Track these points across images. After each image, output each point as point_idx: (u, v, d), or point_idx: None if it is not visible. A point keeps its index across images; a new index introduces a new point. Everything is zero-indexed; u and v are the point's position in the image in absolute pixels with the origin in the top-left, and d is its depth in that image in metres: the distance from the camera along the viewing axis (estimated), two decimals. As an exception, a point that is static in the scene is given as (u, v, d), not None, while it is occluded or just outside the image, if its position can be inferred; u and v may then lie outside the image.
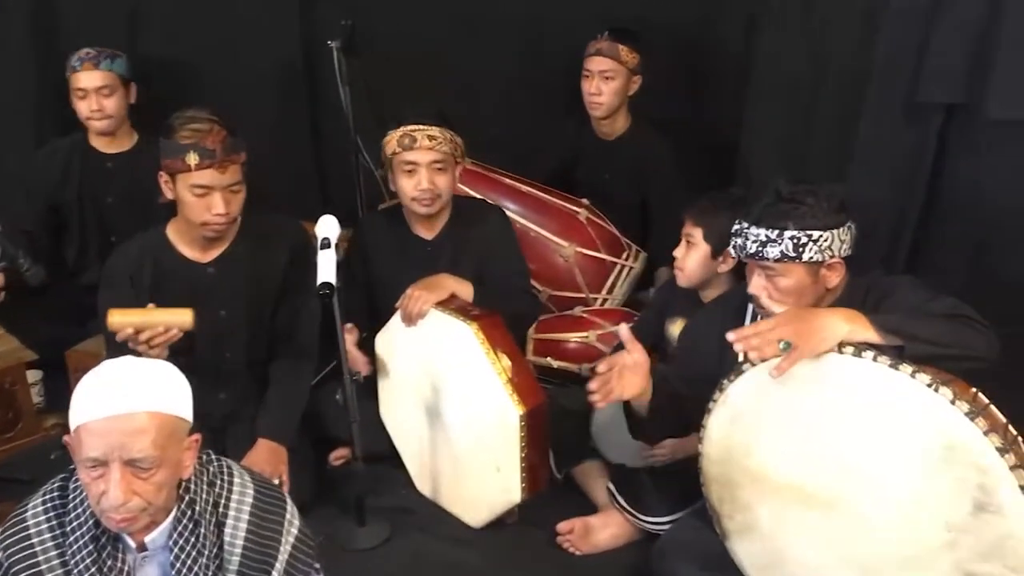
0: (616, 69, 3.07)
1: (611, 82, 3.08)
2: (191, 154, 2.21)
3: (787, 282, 1.87)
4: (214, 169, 2.23)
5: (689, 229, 2.35)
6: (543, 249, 3.06)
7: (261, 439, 2.41)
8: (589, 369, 2.87)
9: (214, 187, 2.25)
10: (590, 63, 3.11)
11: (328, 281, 2.11)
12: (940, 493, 1.65)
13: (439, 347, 2.35)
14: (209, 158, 2.21)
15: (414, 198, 2.50)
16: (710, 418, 1.94)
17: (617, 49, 3.06)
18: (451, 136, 2.48)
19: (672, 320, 2.53)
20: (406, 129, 2.46)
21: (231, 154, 2.25)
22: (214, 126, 2.23)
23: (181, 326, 2.15)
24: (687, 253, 2.36)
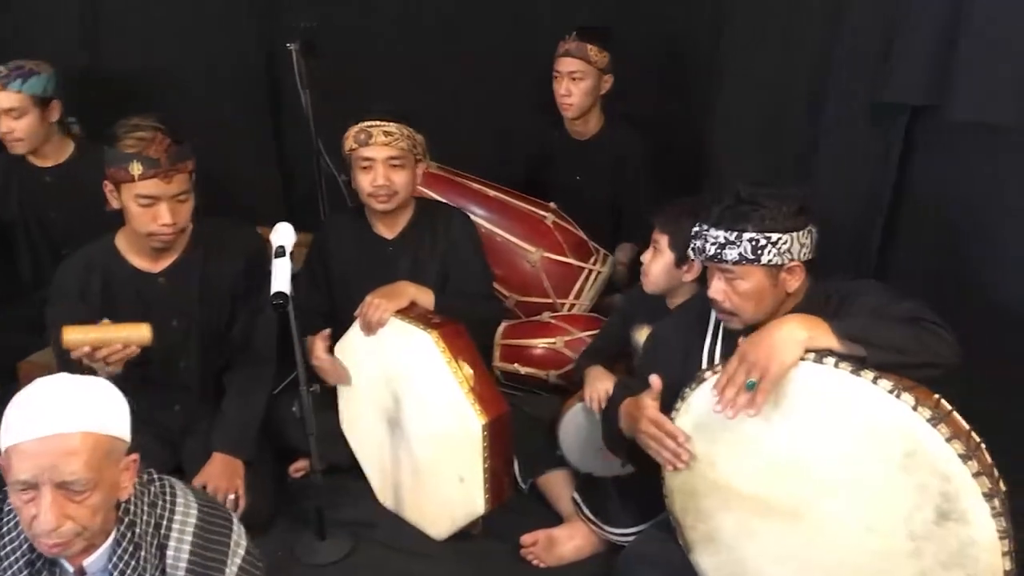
0: (585, 69, 3.04)
1: (581, 82, 3.05)
2: (135, 164, 2.15)
3: (746, 285, 1.84)
4: (159, 179, 2.17)
5: (656, 235, 2.31)
6: (510, 254, 3.02)
7: (216, 453, 2.35)
8: (556, 375, 2.85)
9: (160, 197, 2.19)
10: (559, 64, 3.07)
11: (282, 291, 2.05)
12: (902, 501, 1.62)
13: (399, 356, 2.29)
14: (153, 168, 2.15)
15: (370, 194, 2.46)
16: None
17: (585, 49, 3.03)
18: (409, 133, 2.44)
19: (638, 327, 2.49)
20: (362, 125, 2.42)
21: (176, 163, 2.19)
22: (158, 135, 2.17)
23: (139, 342, 2.09)
24: (653, 259, 2.33)
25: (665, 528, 2.05)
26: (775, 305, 1.87)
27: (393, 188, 2.45)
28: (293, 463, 2.61)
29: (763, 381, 1.66)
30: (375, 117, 2.43)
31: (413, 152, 2.46)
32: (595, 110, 3.16)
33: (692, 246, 1.92)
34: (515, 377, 2.91)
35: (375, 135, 2.41)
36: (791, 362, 1.66)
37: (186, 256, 2.38)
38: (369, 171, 2.44)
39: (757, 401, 1.68)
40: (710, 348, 2.01)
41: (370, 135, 2.41)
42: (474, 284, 2.58)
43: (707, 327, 2.04)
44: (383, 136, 2.40)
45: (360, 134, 2.42)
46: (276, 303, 2.04)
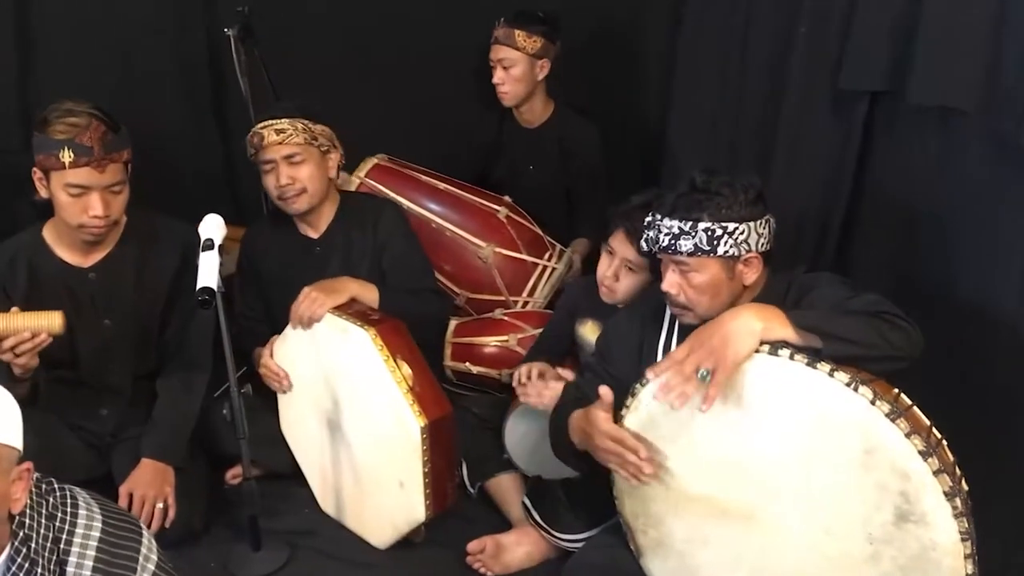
0: (514, 56, 2.92)
1: (512, 70, 2.94)
2: (65, 151, 2.02)
3: (701, 278, 1.74)
4: (91, 168, 2.05)
5: (631, 256, 2.13)
6: (460, 250, 2.91)
7: (145, 459, 2.22)
8: (509, 374, 2.74)
9: (91, 187, 2.07)
10: (491, 52, 2.98)
11: (208, 286, 1.93)
12: (861, 502, 1.53)
13: (337, 355, 2.18)
14: (85, 156, 2.03)
15: (278, 196, 2.37)
16: (621, 425, 1.80)
17: (513, 35, 2.91)
18: (304, 125, 2.33)
19: (582, 321, 2.39)
20: (254, 129, 2.36)
21: (111, 152, 2.07)
22: (92, 121, 2.05)
23: (49, 330, 1.96)
24: (624, 276, 2.17)
25: (615, 533, 1.96)
26: (731, 299, 1.77)
27: (300, 185, 2.34)
28: (229, 469, 2.48)
29: (716, 373, 1.56)
30: (266, 117, 2.36)
31: (314, 144, 2.35)
32: (538, 97, 3.05)
33: (645, 237, 1.81)
34: (467, 376, 2.81)
35: (267, 135, 2.32)
36: (745, 353, 1.56)
37: (118, 251, 2.26)
38: (272, 173, 2.36)
39: (710, 395, 1.58)
40: (665, 343, 1.92)
41: (263, 137, 2.33)
42: (415, 279, 2.46)
43: (662, 322, 1.94)
44: (275, 135, 2.31)
45: (254, 138, 2.35)
46: (202, 299, 1.91)
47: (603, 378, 1.97)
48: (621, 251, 2.16)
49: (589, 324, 2.36)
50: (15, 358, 1.95)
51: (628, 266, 2.16)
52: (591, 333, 2.36)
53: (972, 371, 2.00)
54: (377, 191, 2.91)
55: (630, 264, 2.16)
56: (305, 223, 2.46)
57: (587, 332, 2.37)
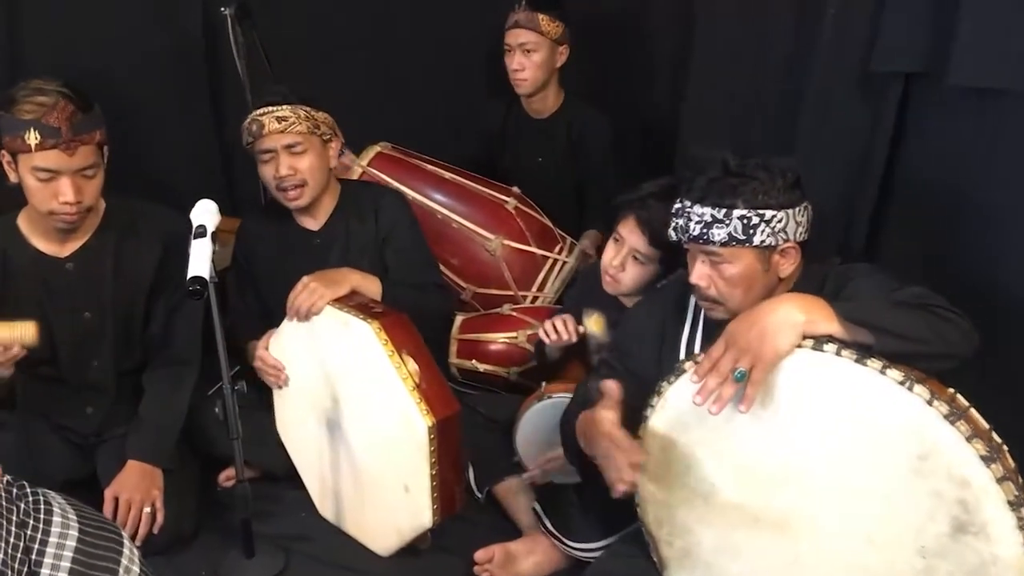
0: (537, 41, 2.81)
1: (533, 55, 2.82)
2: (31, 132, 1.89)
3: (734, 270, 1.60)
4: (59, 150, 1.91)
5: (641, 247, 2.02)
6: (467, 242, 2.79)
7: (131, 460, 2.09)
8: (518, 372, 2.61)
9: (60, 171, 1.94)
10: (509, 36, 2.85)
11: (200, 275, 1.79)
12: (913, 511, 1.39)
13: (337, 350, 2.04)
14: (53, 137, 1.90)
15: (277, 187, 2.23)
16: (646, 427, 1.67)
17: (536, 19, 2.79)
18: (307, 113, 2.19)
19: (587, 313, 2.25)
20: (253, 115, 2.20)
21: (81, 133, 1.93)
22: (60, 100, 1.91)
23: (22, 341, 1.84)
24: (631, 267, 2.05)
25: (635, 542, 1.82)
26: (766, 292, 1.64)
27: (300, 176, 2.21)
28: (223, 471, 2.34)
29: (754, 371, 1.43)
30: (265, 103, 2.20)
31: (316, 133, 2.21)
32: (552, 85, 2.94)
33: (673, 224, 1.67)
34: (473, 375, 2.68)
35: (267, 123, 2.17)
36: (786, 349, 1.43)
37: (97, 240, 2.13)
38: (270, 163, 2.21)
39: (748, 395, 1.45)
40: (689, 337, 1.79)
41: (262, 125, 2.18)
42: (418, 273, 2.33)
43: (685, 314, 1.81)
44: (276, 123, 2.17)
45: (252, 125, 2.20)
46: (192, 289, 1.78)
47: (620, 375, 1.84)
48: (630, 240, 2.04)
49: (595, 317, 2.23)
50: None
51: (636, 256, 2.04)
52: (596, 326, 2.23)
53: (1020, 373, 1.87)
54: (380, 180, 2.79)
55: (638, 254, 2.04)
56: (304, 214, 2.33)
57: (592, 324, 2.24)
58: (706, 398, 1.48)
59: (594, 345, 2.20)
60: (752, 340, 1.44)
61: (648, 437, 1.67)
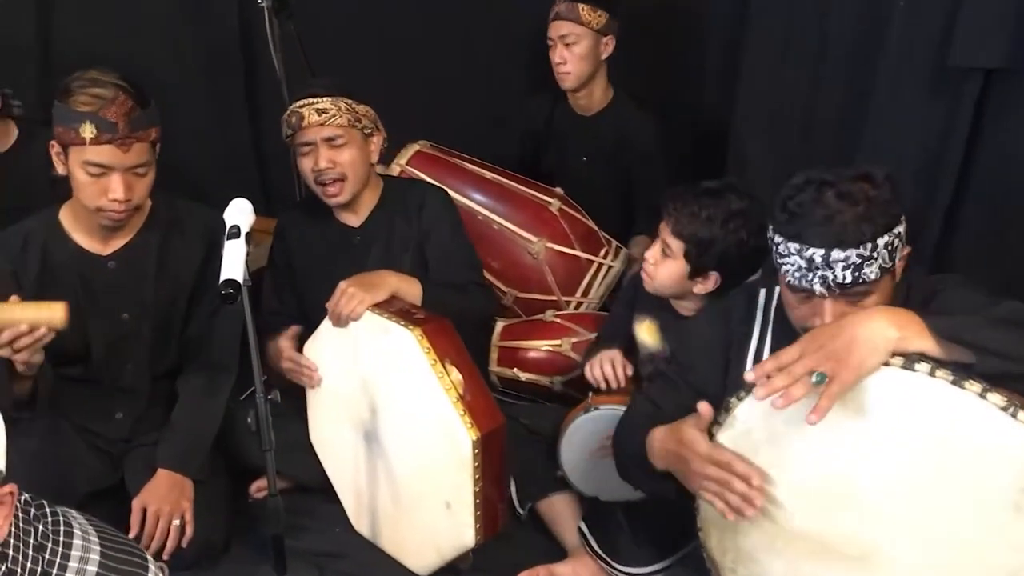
0: (579, 32, 2.69)
1: (575, 47, 2.70)
2: (87, 125, 1.82)
3: (878, 297, 1.46)
4: (114, 146, 1.84)
5: (668, 238, 1.94)
6: (509, 245, 2.67)
7: (161, 469, 2.01)
8: (561, 382, 2.50)
9: (113, 167, 1.87)
10: (551, 29, 2.73)
11: (233, 278, 1.68)
12: (1008, 549, 1.26)
13: (376, 358, 1.94)
14: (109, 132, 1.83)
15: (316, 181, 2.15)
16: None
17: (576, 9, 2.67)
18: (348, 105, 2.11)
19: (639, 318, 2.14)
20: (293, 107, 2.12)
21: (137, 130, 1.86)
22: (119, 93, 1.84)
23: (50, 323, 1.74)
24: (662, 262, 1.97)
25: (692, 566, 1.71)
26: None
27: (340, 171, 2.12)
28: (254, 482, 2.26)
29: (833, 382, 1.30)
30: (305, 95, 2.12)
31: (357, 126, 2.13)
32: (599, 80, 2.82)
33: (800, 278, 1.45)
34: (514, 384, 2.57)
35: (307, 116, 2.09)
36: (872, 366, 1.30)
37: (141, 238, 2.06)
38: (309, 156, 2.13)
39: (821, 405, 1.31)
40: (757, 349, 1.67)
41: (302, 117, 2.10)
42: (460, 272, 2.23)
43: (753, 324, 1.69)
44: (316, 115, 2.09)
45: (291, 117, 2.12)
46: (225, 292, 1.68)
47: (679, 389, 1.73)
48: (663, 232, 1.96)
49: (646, 323, 2.11)
50: (13, 353, 1.74)
51: (664, 250, 1.95)
52: (647, 333, 2.12)
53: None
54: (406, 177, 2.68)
55: (666, 247, 1.95)
56: (344, 210, 2.23)
57: (643, 331, 2.13)
58: (767, 391, 1.35)
59: (646, 353, 2.09)
60: (839, 350, 1.31)
61: (713, 457, 1.54)
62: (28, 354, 1.75)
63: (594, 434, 2.05)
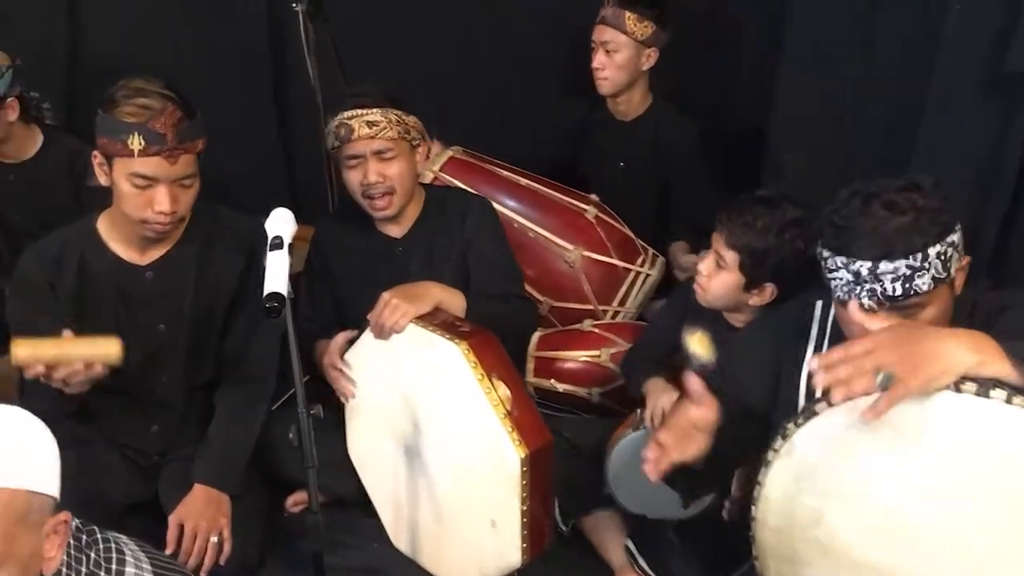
0: (621, 41, 2.64)
1: (615, 55, 2.65)
2: (135, 136, 1.77)
3: (934, 311, 1.40)
4: (162, 158, 1.80)
5: (721, 249, 1.89)
6: (544, 253, 2.61)
7: (198, 485, 1.96)
8: (600, 393, 2.44)
9: (159, 179, 1.82)
10: (595, 32, 2.69)
11: (277, 291, 1.64)
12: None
13: (420, 371, 1.90)
14: (157, 144, 1.78)
15: (364, 195, 2.11)
16: (768, 473, 1.48)
17: (623, 17, 2.62)
18: (398, 117, 2.07)
19: (690, 329, 2.09)
20: (341, 118, 2.07)
21: (185, 141, 1.82)
22: (168, 104, 1.79)
23: (105, 360, 1.73)
24: (715, 274, 1.92)
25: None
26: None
27: (389, 184, 2.08)
28: (291, 495, 2.22)
29: (899, 386, 1.23)
30: (354, 106, 2.07)
31: (407, 138, 2.09)
32: (638, 88, 2.77)
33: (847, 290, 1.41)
34: (551, 395, 2.51)
35: (356, 128, 2.05)
36: (941, 385, 1.24)
37: (180, 248, 2.02)
38: (357, 169, 2.09)
39: (880, 407, 1.24)
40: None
41: (351, 129, 2.05)
42: (501, 283, 2.18)
43: (808, 339, 1.63)
44: (366, 128, 2.04)
45: (340, 129, 2.07)
46: (270, 307, 1.63)
47: (725, 402, 1.65)
48: (716, 244, 1.91)
49: (698, 335, 2.07)
50: (65, 386, 1.73)
51: (719, 262, 1.90)
52: (699, 345, 2.07)
53: None
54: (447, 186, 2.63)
55: (720, 259, 1.89)
56: (387, 220, 2.19)
57: (695, 343, 2.08)
58: (827, 375, 1.29)
59: (697, 366, 2.03)
60: (914, 355, 1.24)
61: (770, 484, 1.49)
62: (79, 387, 1.74)
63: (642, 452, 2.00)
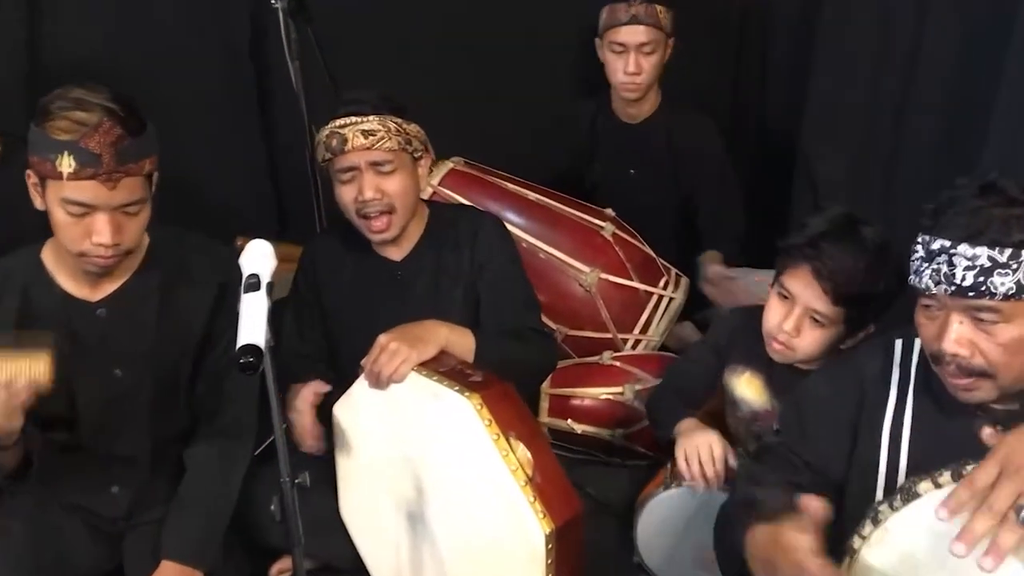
0: (657, 39, 2.44)
1: (652, 56, 2.46)
2: (64, 157, 1.50)
3: (1016, 331, 1.20)
4: (98, 182, 1.53)
5: (819, 305, 1.62)
6: (557, 275, 2.38)
7: (166, 561, 1.69)
8: (623, 435, 2.19)
9: (97, 206, 1.55)
10: (623, 35, 2.44)
11: (252, 343, 1.37)
12: None
13: (424, 428, 1.63)
14: (92, 166, 1.51)
15: (359, 214, 1.85)
16: (854, 563, 1.23)
17: (655, 11, 2.42)
18: (397, 125, 1.82)
19: (736, 369, 1.85)
20: (333, 126, 1.82)
21: (127, 162, 1.54)
22: (105, 120, 1.52)
23: (32, 378, 1.47)
24: (807, 331, 1.65)
25: None
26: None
27: (387, 201, 1.84)
28: (275, 562, 1.95)
29: None
30: (348, 112, 1.81)
31: (408, 149, 1.84)
32: (655, 86, 2.57)
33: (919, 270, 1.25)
34: (568, 436, 2.27)
35: (351, 138, 1.80)
36: None
37: (138, 280, 1.74)
38: (352, 184, 1.84)
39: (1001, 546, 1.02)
40: (895, 417, 1.36)
41: (345, 139, 1.80)
42: (517, 315, 1.92)
43: (889, 382, 1.38)
44: (362, 137, 1.79)
45: (331, 139, 1.82)
46: (244, 362, 1.36)
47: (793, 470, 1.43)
48: (804, 297, 1.64)
49: (746, 376, 1.82)
50: None
51: (815, 317, 1.63)
52: (749, 388, 1.82)
53: None
54: (453, 203, 2.37)
55: (817, 315, 1.63)
56: (386, 243, 1.94)
57: (743, 386, 1.83)
58: (969, 544, 1.04)
59: (746, 412, 1.79)
60: None
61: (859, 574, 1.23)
62: (3, 418, 1.46)
63: (676, 513, 1.75)
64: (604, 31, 2.47)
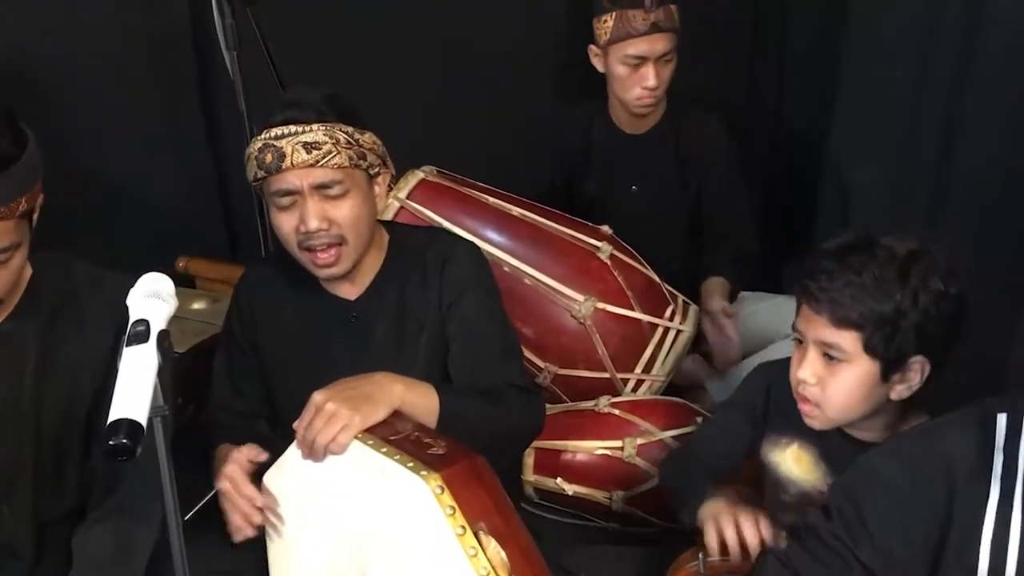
0: (675, 43, 2.24)
1: (671, 63, 2.26)
2: None
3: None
4: None
5: (826, 336, 1.35)
6: (546, 305, 2.08)
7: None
8: (624, 498, 1.90)
9: None
10: (643, 46, 2.19)
11: (130, 418, 1.04)
12: None
13: (370, 512, 1.30)
14: None
15: (303, 246, 1.53)
16: None
17: (672, 14, 2.23)
18: (348, 136, 1.49)
19: (778, 441, 1.52)
20: (267, 137, 1.48)
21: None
22: None
23: None
24: (830, 376, 1.37)
25: None
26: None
27: (336, 232, 1.51)
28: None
29: None
30: (285, 120, 1.48)
31: (361, 165, 1.51)
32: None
33: None
34: (558, 498, 1.98)
35: (289, 152, 1.46)
36: None
37: (12, 325, 1.46)
38: (291, 211, 1.51)
39: None
40: (998, 520, 1.05)
41: (282, 154, 1.46)
42: (495, 368, 1.60)
43: (990, 472, 1.07)
44: (303, 152, 1.46)
45: (266, 154, 1.47)
46: (115, 445, 1.02)
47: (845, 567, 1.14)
48: (811, 331, 1.37)
49: (794, 449, 1.50)
50: None
51: (827, 353, 1.36)
52: (797, 464, 1.51)
53: None
54: (425, 220, 2.07)
55: (829, 348, 1.35)
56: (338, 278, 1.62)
57: (790, 462, 1.52)
58: None
59: (794, 491, 1.49)
60: None
61: None
62: None
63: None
64: (612, 42, 2.20)
